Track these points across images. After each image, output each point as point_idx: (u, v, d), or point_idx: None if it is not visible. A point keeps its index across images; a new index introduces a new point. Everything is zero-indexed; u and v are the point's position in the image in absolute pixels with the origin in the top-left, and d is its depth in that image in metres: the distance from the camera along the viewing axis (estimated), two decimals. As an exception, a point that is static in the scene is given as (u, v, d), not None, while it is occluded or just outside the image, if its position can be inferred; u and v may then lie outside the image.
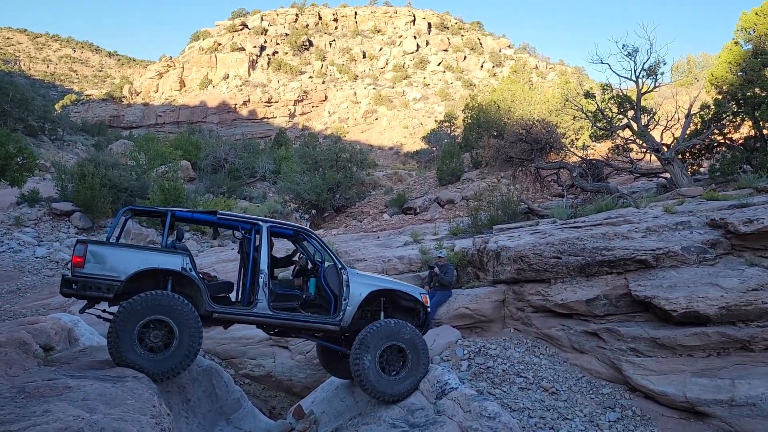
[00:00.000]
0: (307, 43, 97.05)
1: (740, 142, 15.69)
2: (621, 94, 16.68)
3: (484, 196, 18.11)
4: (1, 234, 20.86)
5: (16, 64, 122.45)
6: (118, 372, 5.73)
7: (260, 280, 6.67)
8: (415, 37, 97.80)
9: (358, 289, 7.06)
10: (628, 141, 16.67)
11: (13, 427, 3.99)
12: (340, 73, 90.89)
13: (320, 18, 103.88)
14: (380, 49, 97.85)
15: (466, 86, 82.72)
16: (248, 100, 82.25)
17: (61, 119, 57.45)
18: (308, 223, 27.66)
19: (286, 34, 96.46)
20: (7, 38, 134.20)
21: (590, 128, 18.46)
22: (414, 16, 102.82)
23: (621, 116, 16.60)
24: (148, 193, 24.19)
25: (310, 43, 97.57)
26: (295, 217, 29.28)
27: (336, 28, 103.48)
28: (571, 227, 10.67)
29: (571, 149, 19.22)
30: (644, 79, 16.07)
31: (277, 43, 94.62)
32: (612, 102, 16.71)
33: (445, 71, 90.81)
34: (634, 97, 16.20)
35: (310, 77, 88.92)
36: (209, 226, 8.75)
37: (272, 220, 7.32)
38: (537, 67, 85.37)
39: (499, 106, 32.85)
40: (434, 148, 46.82)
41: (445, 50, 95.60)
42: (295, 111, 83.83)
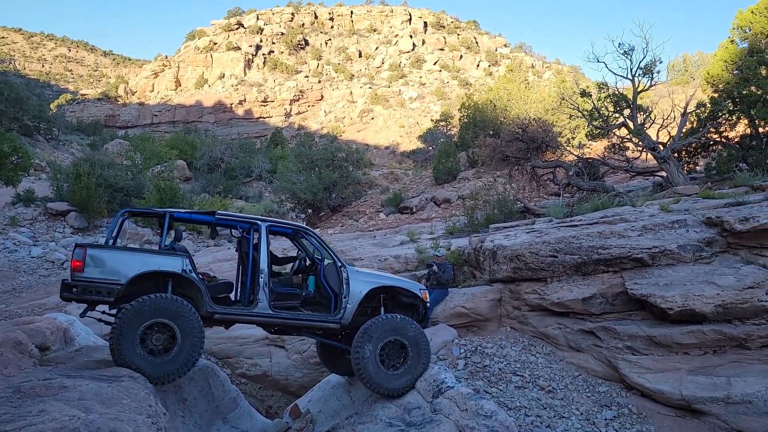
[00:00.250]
0: (303, 43, 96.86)
1: (736, 140, 15.73)
2: (617, 93, 16.71)
3: (480, 195, 18.16)
4: (-3, 234, 20.80)
5: (10, 63, 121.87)
6: (114, 372, 5.71)
7: (260, 280, 6.66)
8: (411, 36, 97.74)
9: (359, 286, 7.07)
10: (624, 140, 16.70)
11: (8, 426, 3.97)
12: (336, 73, 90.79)
13: (316, 17, 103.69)
14: (376, 48, 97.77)
15: (462, 85, 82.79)
16: (244, 100, 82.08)
17: (57, 119, 57.20)
18: (304, 223, 27.62)
19: (282, 33, 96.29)
20: (2, 37, 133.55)
21: (586, 127, 18.50)
22: (410, 15, 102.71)
23: (617, 115, 16.63)
24: (144, 193, 24.13)
25: (306, 43, 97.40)
26: (291, 217, 29.25)
27: (332, 27, 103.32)
28: (567, 226, 10.69)
29: (567, 148, 19.25)
30: (640, 78, 16.11)
31: (273, 43, 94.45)
32: (608, 101, 16.74)
33: (441, 70, 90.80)
34: (630, 96, 16.23)
35: (306, 76, 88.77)
36: (208, 226, 8.73)
37: (271, 219, 7.30)
38: (533, 66, 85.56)
39: (495, 105, 32.89)
40: (430, 148, 46.85)
41: (441, 49, 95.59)
42: (291, 110, 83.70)
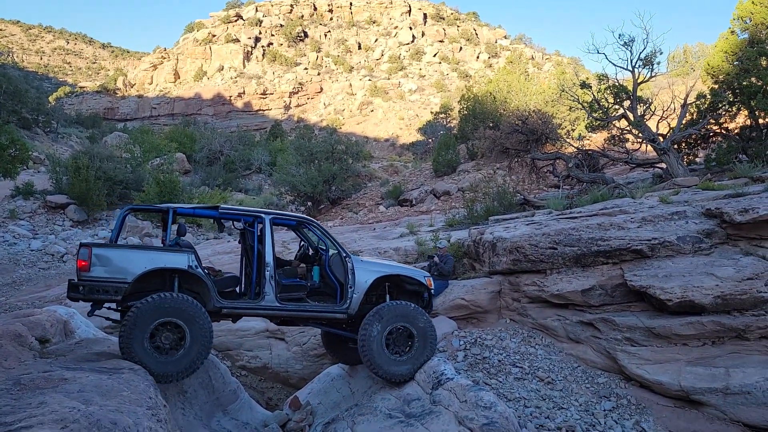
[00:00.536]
0: (302, 35, 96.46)
1: (736, 131, 15.70)
2: (617, 85, 16.66)
3: (480, 188, 18.15)
4: (-4, 227, 20.81)
5: (8, 56, 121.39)
6: (114, 364, 5.72)
7: (266, 273, 6.65)
8: (411, 28, 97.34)
9: (364, 276, 7.06)
10: (624, 131, 16.67)
11: (8, 418, 3.97)
12: (336, 65, 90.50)
13: (315, 9, 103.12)
14: (376, 41, 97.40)
15: (462, 77, 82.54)
16: (243, 92, 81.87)
17: (55, 111, 57.11)
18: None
19: (281, 25, 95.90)
20: (0, 30, 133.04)
21: (586, 119, 18.45)
22: (409, 7, 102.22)
23: (617, 106, 16.58)
24: (144, 186, 24.10)
25: (305, 35, 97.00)
26: (290, 209, 29.25)
27: (331, 19, 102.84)
28: (566, 218, 10.69)
29: (567, 140, 19.20)
30: (640, 69, 16.06)
31: (272, 35, 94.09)
32: (608, 92, 16.69)
33: (440, 62, 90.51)
34: (630, 87, 16.18)
35: (306, 69, 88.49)
36: (212, 220, 8.68)
37: (274, 212, 7.27)
38: (533, 57, 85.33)
39: (495, 97, 32.78)
40: (430, 140, 46.76)
41: (441, 41, 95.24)
42: (290, 103, 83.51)
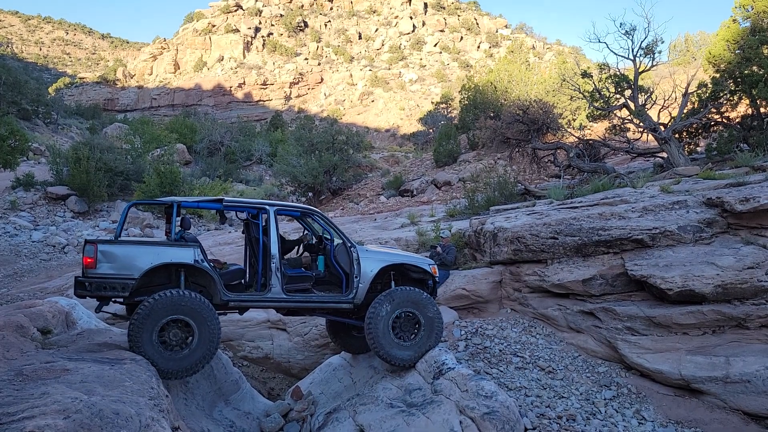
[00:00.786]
0: (302, 25, 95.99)
1: (737, 120, 15.65)
2: (618, 74, 16.59)
3: (480, 178, 18.10)
4: (-3, 218, 20.83)
5: (8, 46, 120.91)
6: (116, 354, 5.74)
7: (272, 265, 6.65)
8: (411, 18, 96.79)
9: (370, 265, 7.07)
10: (625, 121, 16.61)
11: (11, 409, 3.99)
12: (336, 55, 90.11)
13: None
14: (376, 30, 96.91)
15: (463, 67, 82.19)
16: (243, 83, 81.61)
17: (55, 102, 56.92)
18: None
19: (281, 15, 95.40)
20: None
21: (587, 108, 18.38)
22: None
23: (618, 96, 16.52)
24: (144, 177, 24.08)
25: (305, 24, 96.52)
26: (291, 200, 29.24)
27: (331, 9, 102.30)
28: (567, 208, 10.68)
29: (568, 129, 19.15)
30: (642, 58, 15.97)
31: (272, 25, 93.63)
32: (609, 81, 16.62)
33: (441, 52, 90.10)
34: (632, 77, 16.11)
35: (306, 59, 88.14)
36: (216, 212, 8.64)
37: (278, 203, 7.25)
38: (534, 47, 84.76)
39: (495, 87, 32.61)
40: (431, 130, 46.64)
41: (442, 31, 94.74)
42: (290, 93, 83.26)
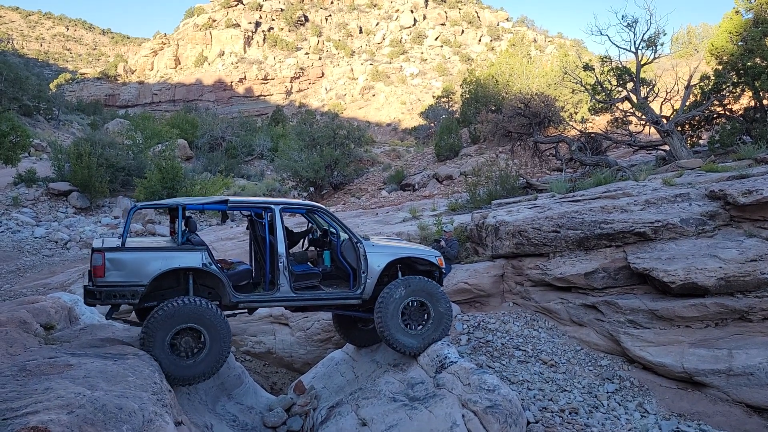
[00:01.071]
0: (303, 19, 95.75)
1: (740, 113, 15.59)
2: (620, 66, 16.53)
3: (482, 172, 18.05)
4: (0, 214, 20.86)
5: (8, 42, 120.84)
6: (119, 350, 5.75)
7: (279, 264, 6.62)
8: (412, 11, 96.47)
9: (377, 260, 7.04)
10: (627, 113, 16.57)
11: (15, 404, 4.00)
12: (337, 49, 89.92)
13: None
14: (377, 24, 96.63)
15: (464, 61, 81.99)
16: (244, 78, 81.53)
17: (56, 98, 56.77)
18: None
19: (282, 10, 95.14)
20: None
21: (589, 101, 18.34)
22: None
23: (620, 89, 16.47)
24: (145, 173, 24.06)
25: (306, 19, 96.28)
26: (293, 195, 29.24)
27: (332, 3, 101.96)
28: (569, 201, 10.66)
29: (570, 123, 19.12)
30: (644, 51, 15.92)
31: (273, 19, 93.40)
32: (611, 74, 16.57)
33: (442, 46, 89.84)
34: (634, 69, 16.06)
35: (307, 53, 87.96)
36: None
37: (283, 201, 7.18)
38: (535, 40, 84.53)
39: (497, 81, 32.56)
40: (432, 124, 46.60)
41: (443, 24, 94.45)
42: (291, 88, 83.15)
